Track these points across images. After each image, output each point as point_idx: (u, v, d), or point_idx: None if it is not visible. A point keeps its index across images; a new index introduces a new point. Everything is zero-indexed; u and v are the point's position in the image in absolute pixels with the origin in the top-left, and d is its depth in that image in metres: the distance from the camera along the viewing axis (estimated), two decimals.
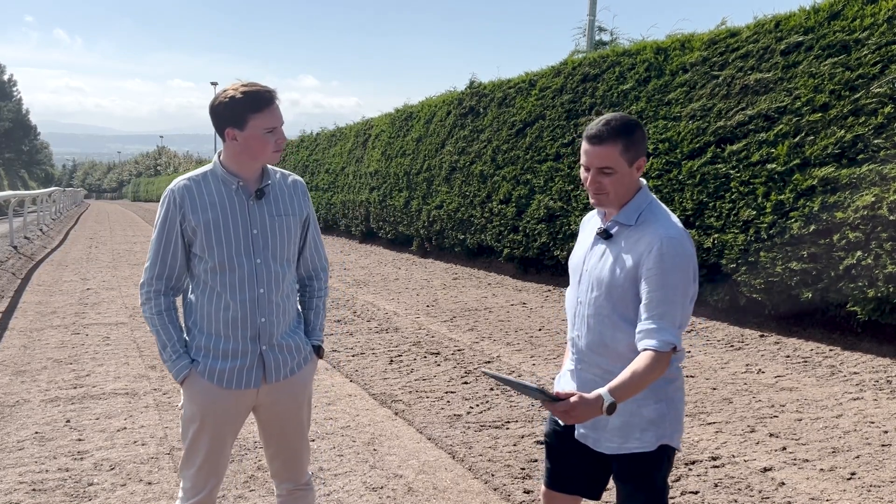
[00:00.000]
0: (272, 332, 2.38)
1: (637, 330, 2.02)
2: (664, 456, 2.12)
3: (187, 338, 2.41)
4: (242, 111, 2.25)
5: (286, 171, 2.51)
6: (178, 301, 2.45)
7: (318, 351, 2.55)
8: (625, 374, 1.96)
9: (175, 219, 2.33)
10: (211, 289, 2.34)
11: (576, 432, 2.21)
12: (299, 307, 2.57)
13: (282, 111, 2.34)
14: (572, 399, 1.93)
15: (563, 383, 2.27)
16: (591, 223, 2.27)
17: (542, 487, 2.36)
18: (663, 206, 2.15)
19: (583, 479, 2.27)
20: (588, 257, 2.19)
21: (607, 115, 2.10)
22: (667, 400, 2.09)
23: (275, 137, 2.30)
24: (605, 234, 2.14)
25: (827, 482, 3.60)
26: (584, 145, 2.09)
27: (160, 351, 2.39)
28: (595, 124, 2.08)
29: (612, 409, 1.91)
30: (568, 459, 2.27)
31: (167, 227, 2.34)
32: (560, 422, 2.26)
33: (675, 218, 2.11)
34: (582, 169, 2.13)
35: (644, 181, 2.17)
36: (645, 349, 1.98)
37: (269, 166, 2.43)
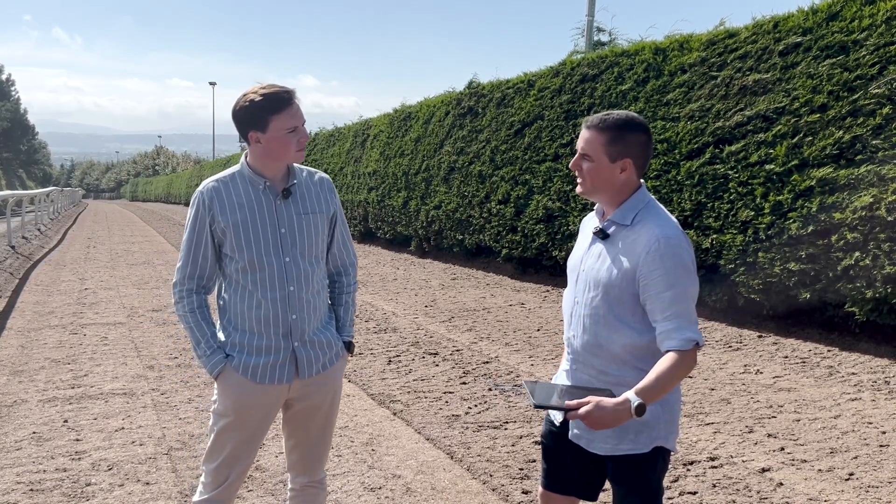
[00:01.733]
0: (304, 329, 2.43)
1: (657, 333, 2.02)
2: (658, 457, 2.12)
3: (222, 335, 2.45)
4: (263, 113, 2.29)
5: (312, 169, 2.55)
6: (212, 300, 2.49)
7: (349, 346, 2.59)
8: (650, 376, 1.95)
9: (205, 220, 2.38)
10: (243, 287, 2.39)
11: (569, 433, 2.21)
12: (330, 303, 2.60)
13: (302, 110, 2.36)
14: (587, 406, 1.92)
15: (558, 382, 2.27)
16: (590, 224, 2.27)
17: (540, 489, 2.36)
18: (661, 206, 2.15)
19: (579, 480, 2.27)
20: (585, 257, 2.19)
21: (617, 111, 2.12)
22: (661, 401, 2.07)
23: (297, 137, 2.34)
24: (602, 234, 2.14)
25: (825, 482, 3.60)
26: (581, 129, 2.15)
27: (194, 347, 2.43)
28: (598, 114, 2.12)
29: (641, 410, 1.90)
30: (564, 460, 2.27)
31: (197, 228, 2.40)
32: (556, 423, 2.27)
33: (672, 218, 2.10)
34: None
35: (642, 181, 2.16)
36: (667, 350, 1.98)
37: (294, 165, 2.47)
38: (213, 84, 59.57)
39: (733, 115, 7.28)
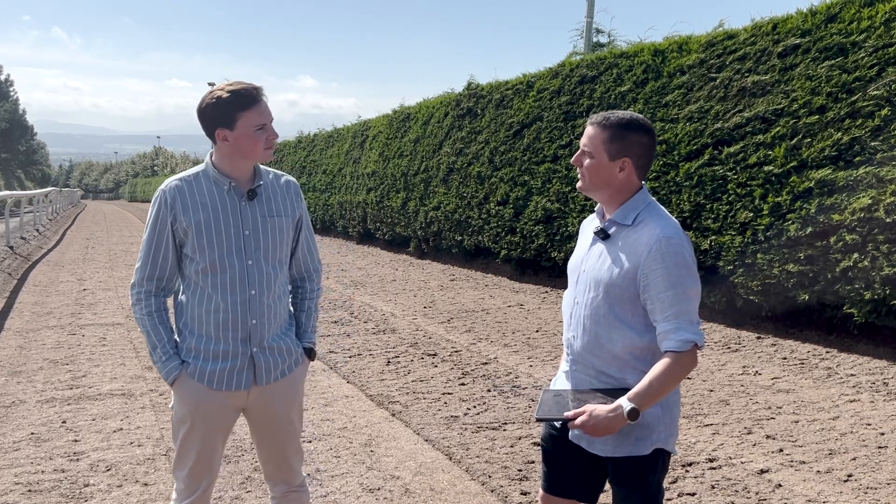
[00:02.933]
0: (263, 334, 2.37)
1: (657, 333, 2.04)
2: (659, 459, 2.12)
3: (178, 339, 2.40)
4: (231, 110, 2.24)
5: (279, 172, 2.49)
6: (170, 302, 2.44)
7: (310, 353, 2.54)
8: (644, 381, 1.98)
9: (166, 219, 2.32)
10: (202, 290, 2.33)
11: (570, 434, 2.21)
12: (291, 309, 2.55)
13: (272, 109, 2.32)
14: (583, 417, 1.99)
15: (559, 385, 2.28)
16: (590, 226, 2.28)
17: (540, 492, 2.36)
18: (661, 207, 2.15)
19: (579, 482, 2.27)
20: (586, 258, 2.19)
21: (622, 111, 2.14)
22: (661, 404, 2.08)
23: (265, 134, 2.28)
24: (602, 235, 2.15)
25: (823, 484, 3.60)
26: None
27: (150, 352, 2.38)
28: (604, 111, 2.14)
29: (633, 414, 1.94)
30: (564, 463, 2.27)
31: (158, 227, 2.33)
32: (556, 426, 2.27)
33: (673, 219, 2.11)
34: None
35: (644, 183, 2.17)
36: (665, 352, 2.00)
37: (261, 166, 2.42)
38: (211, 85, 59.54)
39: (732, 117, 7.28)
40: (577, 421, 1.99)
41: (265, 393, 2.41)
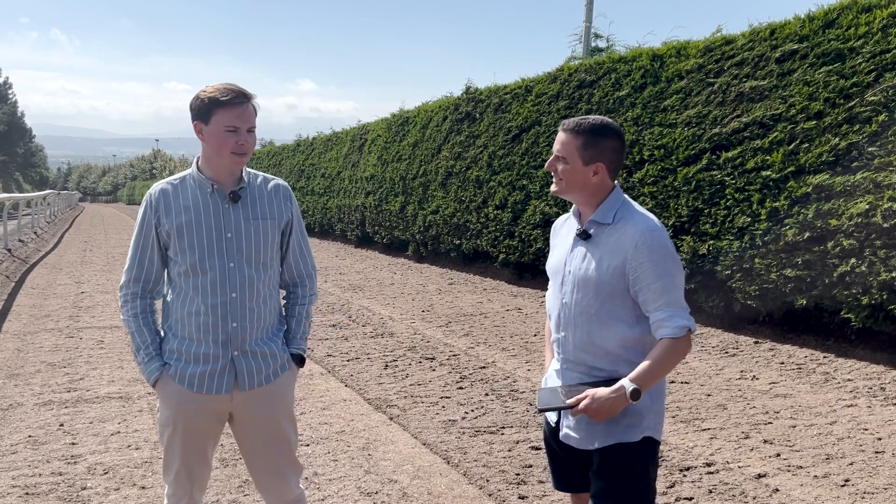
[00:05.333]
0: (244, 338, 2.35)
1: (651, 322, 2.11)
2: (649, 447, 2.17)
3: (161, 341, 2.41)
4: (210, 106, 2.26)
5: (269, 176, 2.49)
6: (159, 304, 2.45)
7: (298, 359, 2.50)
8: (645, 363, 2.06)
9: (151, 222, 2.35)
10: (184, 292, 2.34)
11: (560, 433, 2.26)
12: (283, 313, 2.54)
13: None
14: (586, 401, 2.05)
15: (550, 384, 2.32)
16: (564, 227, 2.34)
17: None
18: (636, 203, 2.24)
19: (583, 477, 2.29)
20: (570, 259, 2.24)
21: (593, 116, 2.21)
22: (651, 393, 2.15)
23: (236, 138, 2.27)
24: (584, 235, 2.21)
25: (821, 489, 3.61)
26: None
27: (135, 353, 2.39)
28: (574, 117, 2.21)
29: (636, 395, 2.02)
30: (563, 458, 2.32)
31: (144, 230, 2.36)
32: (552, 423, 2.32)
33: (649, 213, 2.19)
34: None
35: (616, 182, 2.24)
36: (661, 339, 2.07)
37: (249, 170, 2.42)
38: None
39: (730, 122, 7.30)
40: (581, 405, 2.06)
41: (250, 399, 2.39)
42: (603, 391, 2.04)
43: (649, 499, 2.15)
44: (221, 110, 2.25)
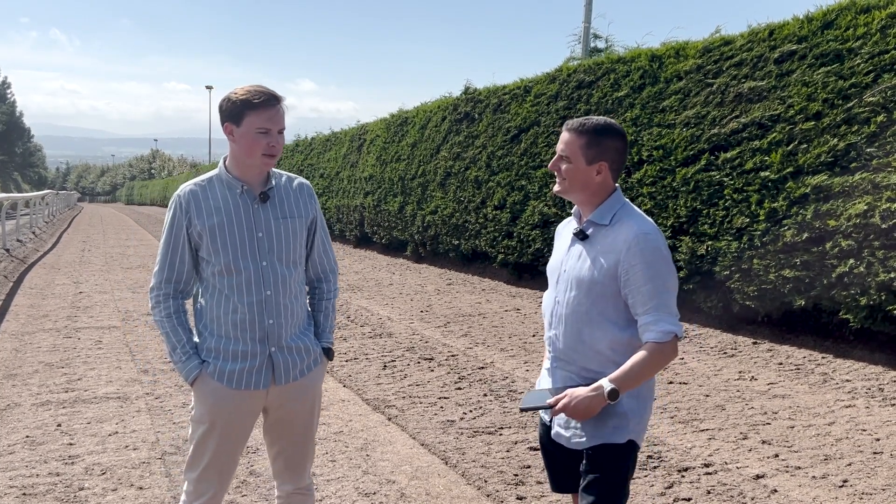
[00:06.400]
0: (280, 334, 2.41)
1: (639, 325, 2.11)
2: (631, 451, 2.18)
3: (198, 340, 2.44)
4: (241, 107, 2.29)
5: (293, 175, 2.55)
6: (189, 305, 2.47)
7: (328, 353, 2.57)
8: (626, 365, 2.06)
9: (182, 223, 2.38)
10: (219, 292, 2.38)
11: (552, 431, 2.28)
12: (309, 309, 2.59)
13: (286, 120, 2.36)
14: (564, 400, 2.07)
15: (542, 384, 2.34)
16: (566, 229, 2.36)
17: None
18: (636, 207, 2.24)
19: (578, 476, 2.30)
20: (566, 259, 2.26)
21: (596, 116, 2.23)
22: (638, 397, 2.17)
23: (267, 140, 2.31)
24: (581, 235, 2.22)
25: (819, 489, 3.61)
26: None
27: (170, 353, 2.42)
28: (578, 118, 2.22)
29: (613, 395, 2.03)
30: (558, 458, 2.33)
31: (174, 231, 2.39)
32: (546, 423, 2.34)
33: (647, 217, 2.20)
34: None
35: (617, 185, 2.24)
36: (646, 342, 2.08)
37: (275, 170, 2.46)
38: (209, 88, 59.50)
39: (729, 123, 7.30)
40: (559, 405, 2.08)
41: (284, 392, 2.45)
42: (581, 390, 2.06)
43: (621, 500, 2.17)
44: (253, 112, 2.29)
